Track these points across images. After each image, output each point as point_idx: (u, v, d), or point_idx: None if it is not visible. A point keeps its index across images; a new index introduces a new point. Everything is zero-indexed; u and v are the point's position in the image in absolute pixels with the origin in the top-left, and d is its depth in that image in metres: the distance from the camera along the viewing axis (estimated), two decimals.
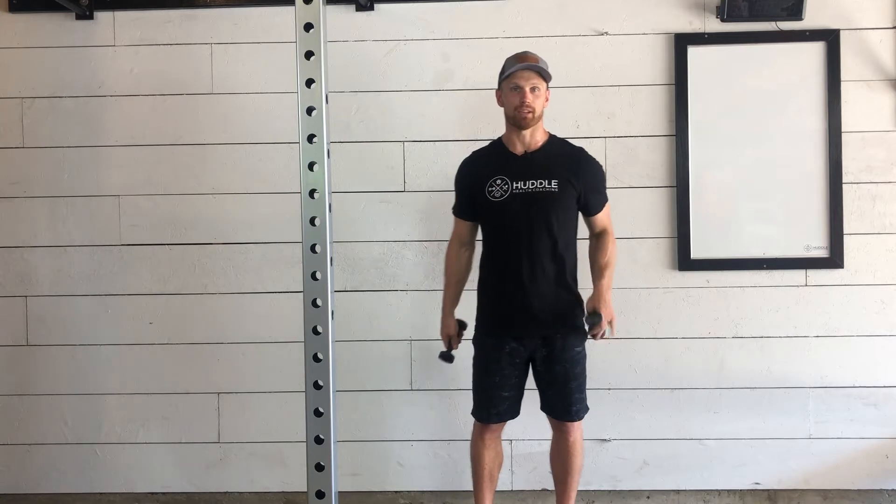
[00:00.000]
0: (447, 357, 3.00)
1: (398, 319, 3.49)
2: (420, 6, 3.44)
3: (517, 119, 2.78)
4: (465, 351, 2.99)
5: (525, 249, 2.79)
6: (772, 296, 3.42)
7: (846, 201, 3.38)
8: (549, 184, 2.77)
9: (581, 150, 2.90)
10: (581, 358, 2.87)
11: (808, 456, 3.45)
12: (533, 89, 2.75)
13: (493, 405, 2.89)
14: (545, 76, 2.78)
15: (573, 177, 2.80)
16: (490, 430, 2.93)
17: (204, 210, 3.50)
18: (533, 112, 2.76)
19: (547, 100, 2.83)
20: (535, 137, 2.82)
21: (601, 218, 2.89)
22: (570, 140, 2.93)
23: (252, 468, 3.55)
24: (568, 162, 2.83)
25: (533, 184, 2.77)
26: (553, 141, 2.88)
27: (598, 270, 2.87)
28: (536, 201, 2.78)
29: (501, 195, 2.80)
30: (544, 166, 2.79)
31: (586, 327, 2.82)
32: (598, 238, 2.92)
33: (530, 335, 2.83)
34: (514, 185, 2.79)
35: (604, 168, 2.99)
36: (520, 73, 2.76)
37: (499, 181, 2.81)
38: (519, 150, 2.83)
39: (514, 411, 2.92)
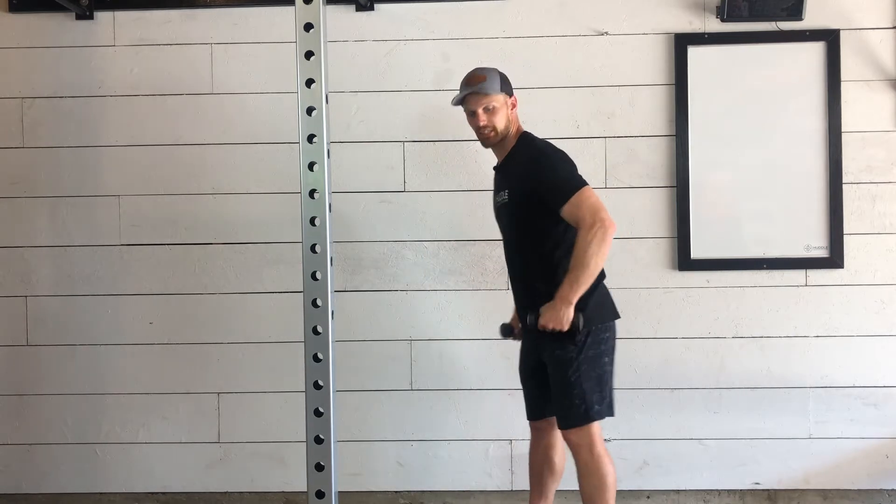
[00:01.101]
0: (504, 330, 2.93)
1: (398, 319, 3.49)
2: (420, 6, 3.44)
3: (483, 141, 2.80)
4: (469, 352, 3.00)
5: (508, 258, 2.84)
6: (772, 296, 3.42)
7: (846, 201, 3.38)
8: (504, 194, 2.76)
9: (535, 150, 2.72)
10: (564, 362, 2.65)
11: (808, 456, 3.45)
12: (486, 109, 2.71)
13: (525, 399, 2.93)
14: (494, 92, 2.70)
15: (521, 181, 2.69)
16: (532, 428, 2.94)
17: (204, 210, 3.50)
18: (495, 130, 2.73)
19: (514, 106, 2.77)
20: (504, 149, 2.80)
21: (567, 212, 2.57)
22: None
23: (252, 468, 3.55)
24: (517, 167, 2.73)
25: (499, 195, 2.81)
26: (516, 148, 2.76)
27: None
28: (501, 214, 2.84)
29: (494, 207, 2.90)
30: (503, 178, 2.81)
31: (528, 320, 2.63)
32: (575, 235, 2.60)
33: (529, 338, 2.84)
34: (495, 197, 2.87)
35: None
36: (467, 98, 2.74)
37: (494, 195, 2.90)
38: (497, 163, 2.87)
39: (543, 410, 2.87)
